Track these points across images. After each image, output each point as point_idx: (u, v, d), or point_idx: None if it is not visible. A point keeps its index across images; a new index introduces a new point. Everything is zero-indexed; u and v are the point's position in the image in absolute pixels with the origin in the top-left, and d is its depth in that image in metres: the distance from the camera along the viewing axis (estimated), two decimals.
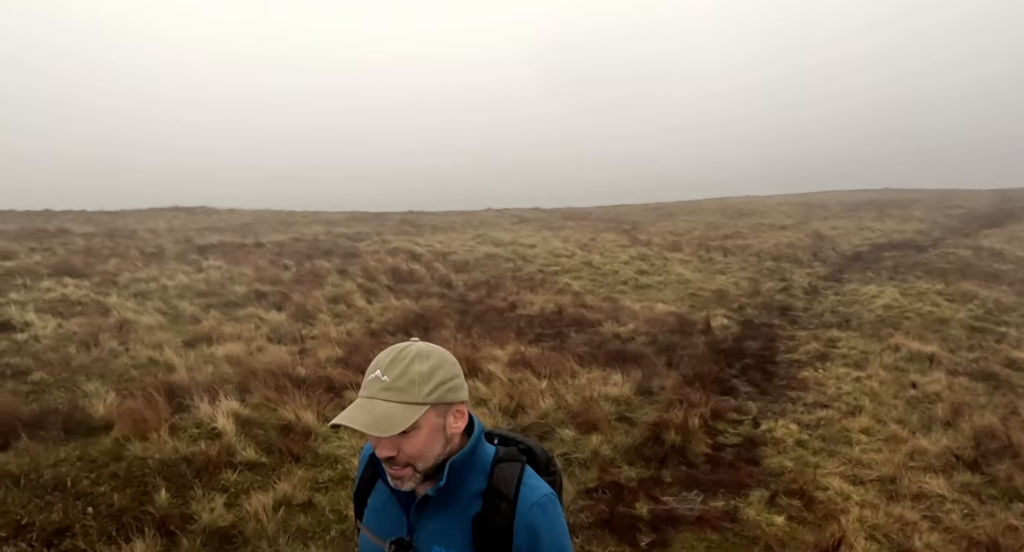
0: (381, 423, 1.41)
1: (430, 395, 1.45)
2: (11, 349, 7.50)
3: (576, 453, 5.66)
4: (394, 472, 1.49)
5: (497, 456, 1.59)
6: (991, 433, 6.73)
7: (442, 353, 1.54)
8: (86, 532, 3.90)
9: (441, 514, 1.55)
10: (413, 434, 1.45)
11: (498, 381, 7.01)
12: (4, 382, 6.34)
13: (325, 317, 9.95)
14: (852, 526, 4.54)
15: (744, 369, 9.25)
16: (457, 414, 1.54)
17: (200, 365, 7.02)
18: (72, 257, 14.57)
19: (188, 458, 4.74)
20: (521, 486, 1.52)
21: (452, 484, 1.52)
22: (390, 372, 1.46)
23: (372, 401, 1.44)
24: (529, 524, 1.48)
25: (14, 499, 4.16)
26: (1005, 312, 12.82)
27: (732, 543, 4.37)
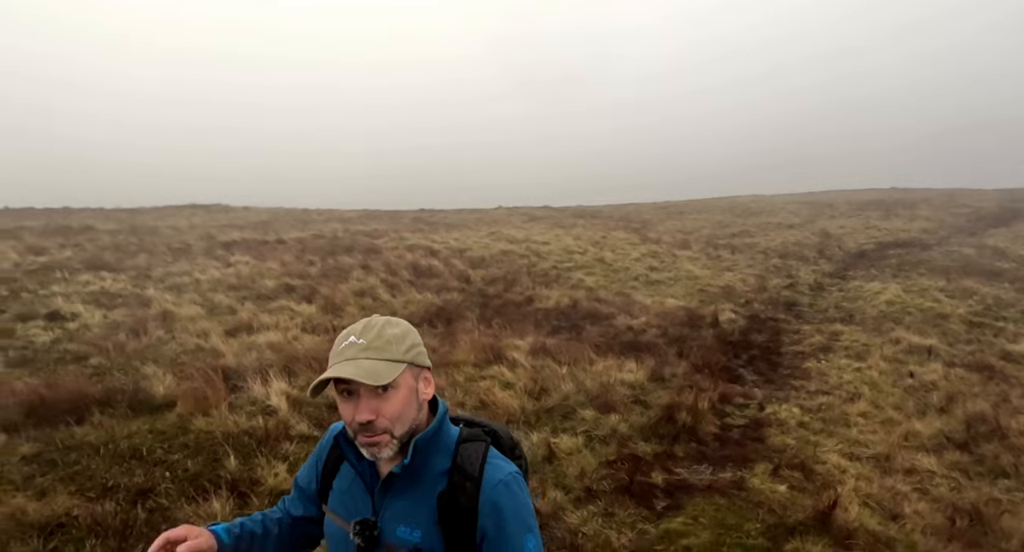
0: (369, 374, 1.44)
1: (407, 354, 1.51)
2: (65, 337, 8.05)
3: (596, 431, 6.17)
4: (371, 439, 1.49)
5: (461, 436, 1.62)
6: (982, 418, 7.21)
7: (407, 323, 1.60)
8: (167, 493, 4.42)
9: (406, 494, 1.57)
10: (392, 394, 1.48)
11: (522, 367, 7.53)
12: (66, 365, 6.89)
13: (353, 309, 10.47)
14: (847, 494, 5.03)
15: (750, 360, 9.74)
16: (426, 381, 1.59)
17: (244, 351, 7.55)
18: (102, 253, 15.15)
19: (248, 431, 5.26)
20: (485, 465, 1.55)
21: (417, 463, 1.55)
22: (365, 336, 1.51)
23: (355, 360, 1.47)
24: (494, 502, 1.51)
25: (97, 465, 4.69)
26: (1004, 308, 13.26)
27: (739, 506, 4.87)
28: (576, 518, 4.62)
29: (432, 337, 8.96)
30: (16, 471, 4.49)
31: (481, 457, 1.55)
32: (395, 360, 1.47)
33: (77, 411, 5.37)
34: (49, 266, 13.19)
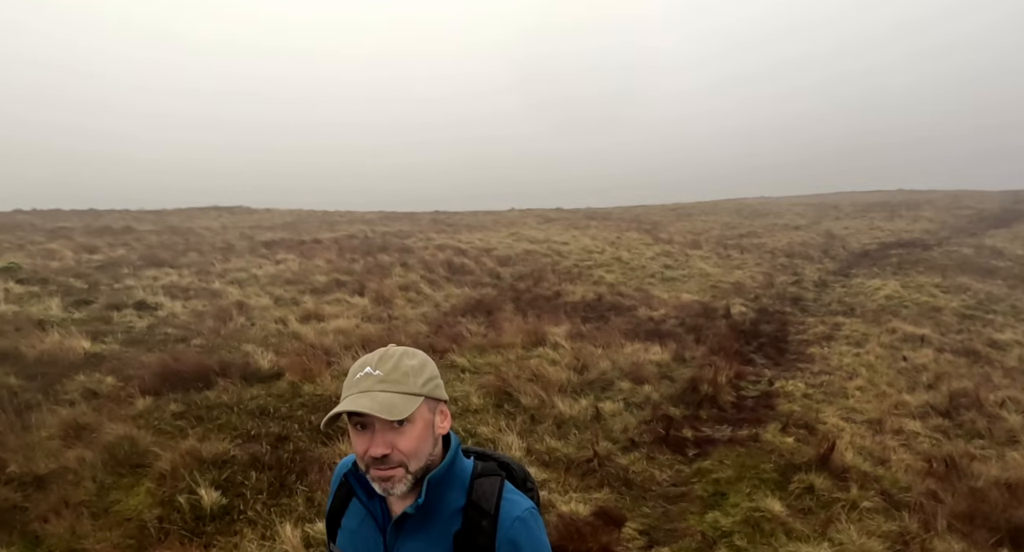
0: (386, 408, 1.41)
1: (424, 387, 1.48)
2: (159, 322, 9.18)
3: (632, 398, 7.30)
4: (384, 473, 1.47)
5: (475, 471, 1.58)
6: (964, 393, 8.32)
7: (424, 355, 1.56)
8: (300, 439, 5.53)
9: (420, 533, 1.53)
10: (408, 428, 1.45)
11: (563, 348, 8.64)
12: (175, 344, 8.02)
13: (400, 301, 11.59)
14: (843, 445, 6.13)
15: (760, 346, 10.85)
16: (442, 414, 1.55)
17: (320, 335, 8.68)
18: (153, 251, 16.27)
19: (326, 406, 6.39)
20: (502, 501, 1.52)
21: (430, 501, 1.51)
22: (382, 367, 1.48)
23: (370, 393, 1.45)
24: (511, 540, 1.49)
25: (236, 419, 5.80)
26: (995, 302, 14.37)
27: (755, 453, 5.97)
28: (625, 460, 5.76)
29: (477, 325, 10.08)
30: (171, 424, 5.61)
31: (497, 493, 1.53)
32: (412, 393, 1.46)
33: (202, 380, 6.49)
34: (112, 263, 14.29)
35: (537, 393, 6.81)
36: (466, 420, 6.15)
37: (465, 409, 6.41)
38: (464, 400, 6.60)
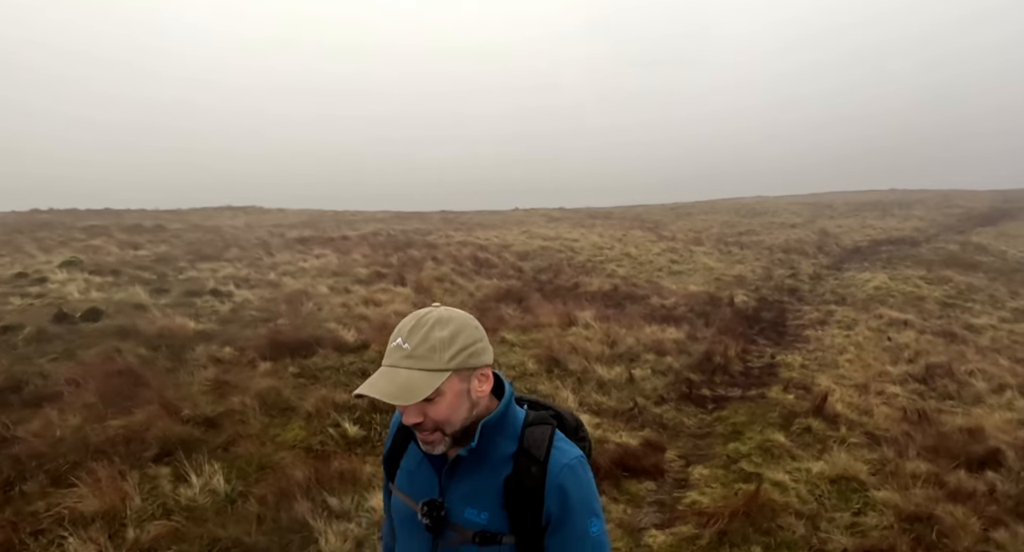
0: (402, 391, 1.45)
1: (452, 361, 1.49)
2: (240, 307, 10.45)
3: (657, 367, 8.65)
4: (423, 437, 1.54)
5: (527, 420, 1.63)
6: (940, 366, 9.66)
7: (463, 318, 1.58)
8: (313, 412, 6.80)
9: (472, 476, 1.59)
10: (437, 400, 1.49)
11: (593, 328, 9.97)
12: (264, 323, 9.30)
13: (438, 291, 12.90)
14: (834, 401, 7.46)
15: (762, 329, 12.20)
16: (482, 378, 1.57)
17: (383, 317, 9.98)
18: (196, 247, 17.50)
19: None
20: (552, 449, 1.57)
21: (483, 446, 1.57)
22: (411, 339, 1.50)
23: (394, 369, 1.49)
24: (560, 486, 1.52)
25: (345, 378, 7.09)
26: (974, 292, 15.77)
27: (762, 406, 7.32)
28: (658, 410, 7.11)
29: (513, 310, 11.39)
30: (294, 381, 6.91)
31: (547, 441, 1.57)
32: (437, 369, 1.47)
33: (304, 349, 7.78)
34: (162, 257, 15.54)
35: (580, 361, 8.17)
36: (526, 381, 7.48)
37: (524, 373, 7.74)
38: (521, 366, 7.93)
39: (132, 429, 5.21)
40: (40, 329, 8.08)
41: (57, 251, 16.55)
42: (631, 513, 4.79)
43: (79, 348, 7.52)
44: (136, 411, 5.54)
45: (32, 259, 15.17)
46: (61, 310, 8.98)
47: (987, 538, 4.76)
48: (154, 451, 4.93)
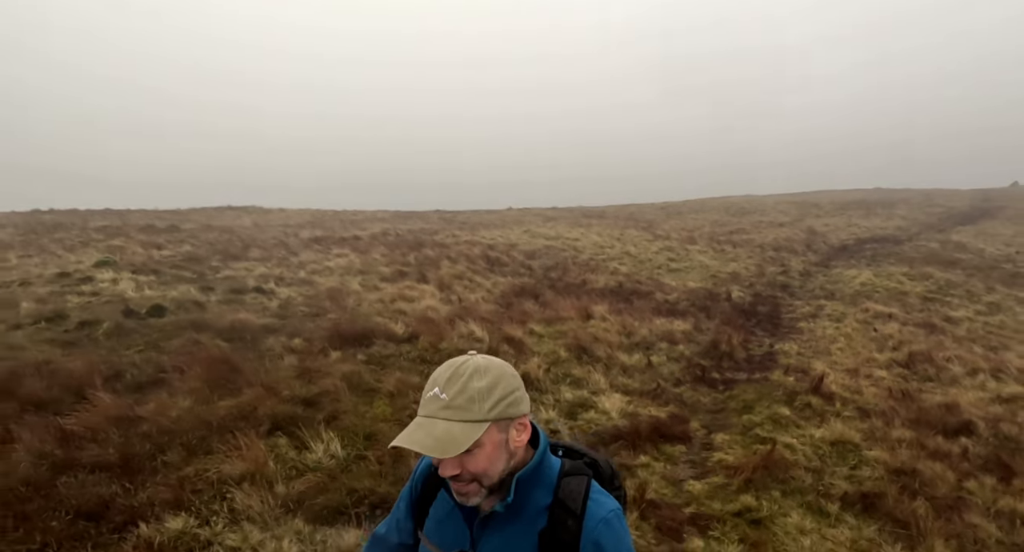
0: (442, 444, 1.44)
1: (491, 412, 1.48)
2: (286, 303, 11.37)
3: (671, 354, 9.70)
4: (459, 488, 1.53)
5: (563, 470, 1.62)
6: (921, 353, 10.75)
7: (501, 366, 1.56)
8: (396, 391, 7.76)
9: (506, 529, 1.58)
10: (476, 452, 1.49)
11: (609, 320, 11.00)
12: (317, 318, 10.25)
13: (459, 288, 13.88)
14: (829, 382, 8.52)
15: (759, 322, 13.26)
16: (519, 427, 1.56)
17: (420, 311, 10.96)
18: (218, 247, 18.32)
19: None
20: (588, 501, 1.56)
21: (518, 499, 1.56)
22: (448, 390, 1.49)
23: (432, 420, 1.48)
24: (596, 541, 1.52)
25: (405, 364, 8.06)
26: (953, 288, 16.93)
27: (767, 386, 8.37)
28: (677, 390, 8.16)
29: (531, 305, 12.38)
30: (366, 368, 7.85)
31: (584, 492, 1.56)
32: (476, 421, 1.47)
33: (363, 340, 8.74)
34: (190, 257, 16.34)
35: (604, 349, 9.20)
36: (561, 367, 8.49)
37: (557, 360, 8.75)
38: (554, 354, 8.94)
39: (241, 408, 6.16)
40: (118, 324, 9.00)
41: (83, 251, 17.26)
42: (671, 468, 5.82)
43: (160, 340, 8.44)
44: (240, 393, 6.50)
45: (61, 259, 15.86)
46: (128, 307, 9.90)
47: (960, 487, 5.83)
48: (267, 426, 5.87)
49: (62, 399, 6.21)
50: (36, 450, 5.00)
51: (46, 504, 4.31)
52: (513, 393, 1.53)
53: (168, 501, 4.53)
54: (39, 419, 5.60)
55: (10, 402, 5.97)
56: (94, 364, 7.04)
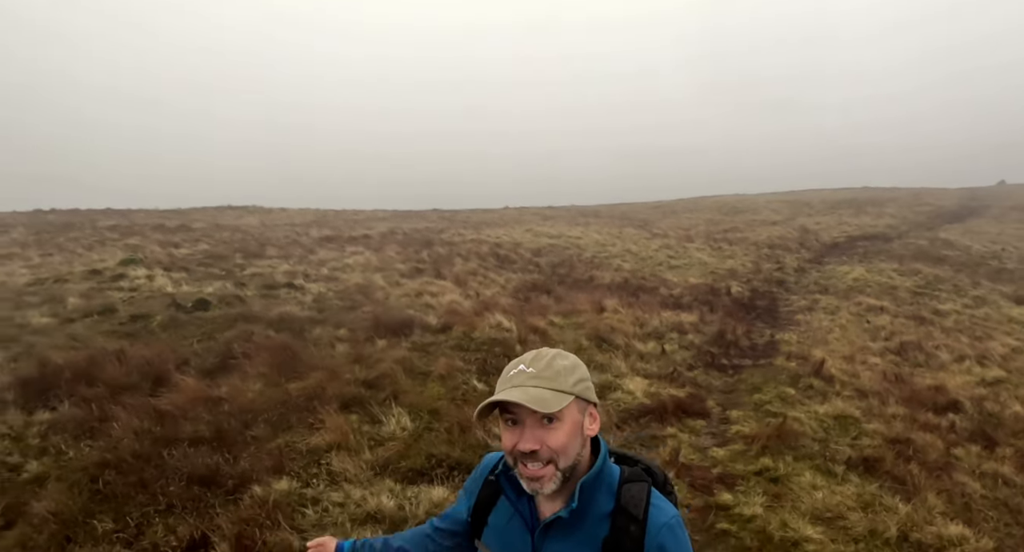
0: (537, 400, 1.49)
1: (575, 386, 1.56)
2: (319, 297, 12.04)
3: (681, 342, 10.48)
4: (534, 472, 1.54)
5: (623, 476, 1.64)
6: (911, 342, 11.59)
7: (576, 357, 1.64)
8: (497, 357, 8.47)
9: (568, 536, 1.59)
10: (557, 426, 1.53)
11: (621, 313, 11.77)
12: (353, 311, 10.94)
13: (474, 284, 14.62)
14: (828, 366, 9.31)
15: (758, 314, 14.07)
16: (591, 417, 1.62)
17: (445, 304, 11.68)
18: (234, 246, 18.94)
19: (502, 339, 9.38)
20: (650, 507, 1.57)
21: (581, 505, 1.58)
22: (535, 365, 1.57)
23: (522, 388, 1.53)
24: (660, 546, 1.54)
25: (447, 350, 8.76)
26: (941, 283, 17.81)
27: (772, 371, 9.15)
28: (691, 374, 8.94)
29: (546, 299, 13.14)
30: (413, 354, 8.52)
31: (645, 498, 1.59)
32: (563, 391, 1.53)
33: (402, 330, 9.44)
34: (210, 255, 16.97)
35: (621, 338, 9.97)
36: (584, 354, 9.21)
37: (579, 347, 9.50)
38: (576, 342, 9.70)
39: (310, 390, 6.86)
40: (171, 317, 9.70)
41: (103, 250, 17.85)
42: (695, 439, 6.59)
43: (214, 332, 9.12)
44: (306, 377, 7.22)
45: (83, 257, 16.44)
46: (175, 301, 10.59)
47: (949, 454, 6.63)
48: (337, 404, 6.57)
49: (141, 384, 6.92)
50: (134, 427, 5.70)
51: (159, 473, 4.98)
52: (588, 379, 1.62)
53: (269, 467, 5.23)
54: (132, 400, 6.31)
55: (96, 386, 6.65)
56: (163, 352, 7.74)
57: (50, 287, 12.31)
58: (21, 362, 7.49)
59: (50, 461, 5.18)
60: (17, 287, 12.48)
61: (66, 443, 5.46)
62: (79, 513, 4.37)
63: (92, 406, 6.04)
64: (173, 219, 30.08)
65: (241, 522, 4.26)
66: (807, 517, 4.92)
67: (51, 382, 6.60)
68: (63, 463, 5.15)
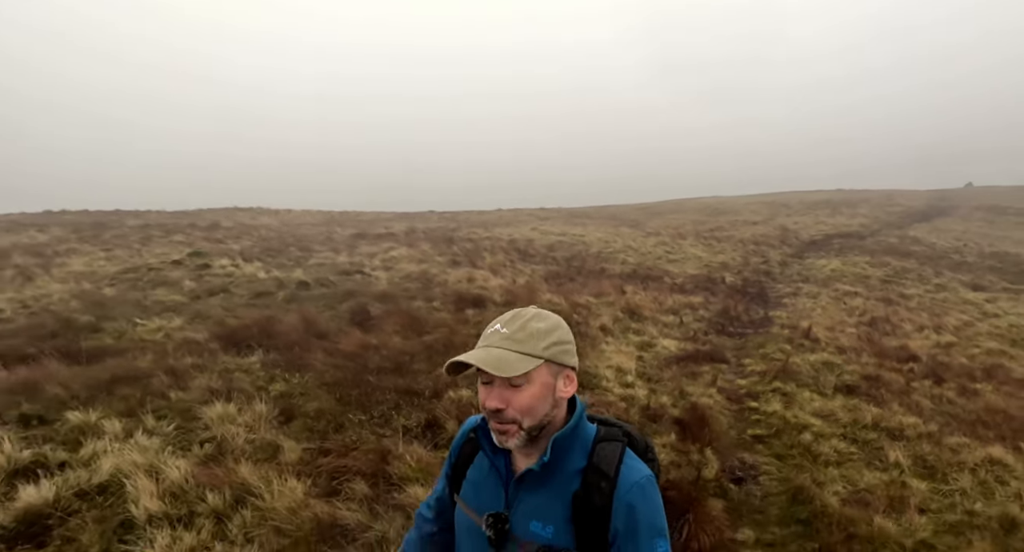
0: (498, 363, 1.52)
1: (546, 350, 1.57)
2: (391, 281, 14.22)
3: (695, 316, 12.85)
4: (499, 427, 1.58)
5: (598, 436, 1.68)
6: (881, 317, 14.04)
7: (558, 319, 1.66)
8: None
9: (540, 490, 1.63)
10: (524, 387, 1.55)
11: (640, 294, 14.10)
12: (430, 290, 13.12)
13: (508, 273, 16.88)
14: (815, 332, 11.69)
15: (752, 298, 16.47)
16: (567, 379, 1.63)
17: (496, 287, 13.91)
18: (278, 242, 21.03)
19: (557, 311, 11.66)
20: (621, 466, 1.60)
21: (554, 460, 1.61)
22: (510, 326, 1.60)
23: (490, 349, 1.57)
24: (628, 504, 1.56)
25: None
26: (907, 273, 20.37)
27: (770, 336, 11.52)
28: (707, 338, 11.29)
29: (572, 285, 15.44)
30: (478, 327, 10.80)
31: (617, 458, 1.62)
32: (531, 354, 1.55)
33: (477, 303, 11.63)
34: (268, 249, 19.00)
35: (647, 312, 12.32)
36: (620, 323, 11.56)
37: (617, 318, 11.82)
38: (613, 315, 12.02)
39: (439, 342, 9.03)
40: (291, 293, 11.88)
41: (156, 245, 19.66)
42: (722, 375, 8.94)
43: (332, 304, 11.26)
44: (432, 333, 9.43)
45: (144, 252, 18.12)
46: (281, 282, 12.78)
47: (908, 386, 9.02)
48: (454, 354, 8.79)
49: (308, 337, 9.09)
50: (329, 363, 7.88)
51: (372, 388, 7.14)
52: (567, 343, 1.63)
53: (448, 384, 7.37)
54: (319, 344, 8.51)
55: (275, 339, 8.81)
56: (309, 316, 9.93)
57: (146, 274, 14.33)
58: (197, 324, 9.66)
59: (283, 384, 7.34)
60: (111, 274, 14.51)
61: (286, 374, 7.61)
62: (337, 411, 6.54)
63: (293, 349, 8.22)
64: (191, 219, 31.51)
65: (452, 410, 6.47)
66: (810, 414, 7.30)
67: (240, 337, 8.73)
68: (295, 384, 7.31)
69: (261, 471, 4.83)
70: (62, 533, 4.15)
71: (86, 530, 4.15)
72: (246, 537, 4.13)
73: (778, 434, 6.80)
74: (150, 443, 5.22)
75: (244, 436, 5.49)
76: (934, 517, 5.09)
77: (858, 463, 6.12)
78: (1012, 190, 70.32)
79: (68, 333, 9.05)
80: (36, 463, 4.91)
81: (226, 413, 5.84)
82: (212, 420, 5.70)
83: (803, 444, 6.49)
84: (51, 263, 16.36)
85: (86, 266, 16.13)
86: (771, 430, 6.89)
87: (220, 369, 7.42)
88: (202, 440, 5.45)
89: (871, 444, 6.63)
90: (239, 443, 5.36)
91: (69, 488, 4.55)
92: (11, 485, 4.57)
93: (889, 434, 6.87)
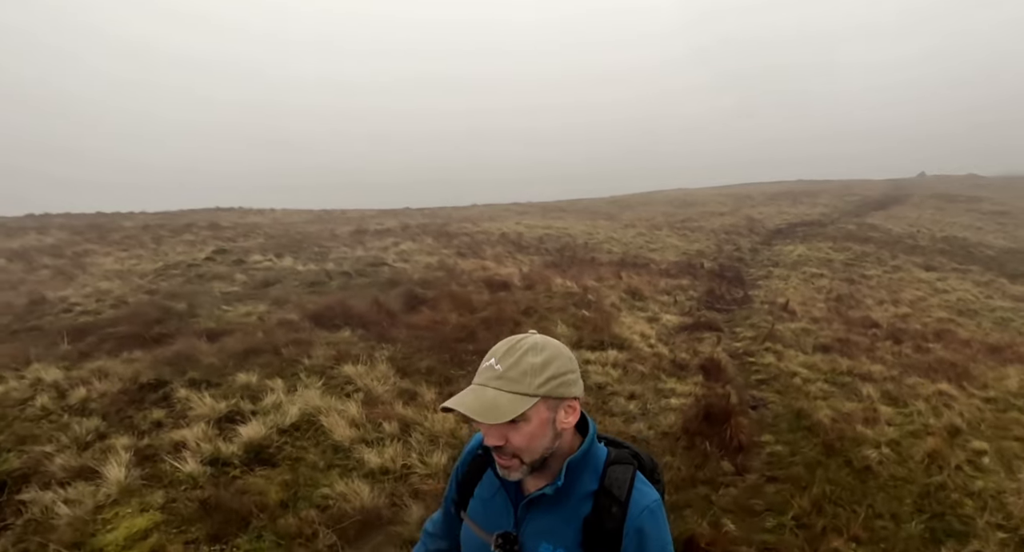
0: (487, 410, 1.49)
1: (541, 387, 1.54)
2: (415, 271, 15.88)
3: (686, 296, 14.74)
4: (501, 462, 1.59)
5: (610, 458, 1.68)
6: (846, 294, 16.08)
7: (558, 347, 1.63)
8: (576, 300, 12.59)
9: (551, 512, 1.64)
10: (522, 425, 1.54)
11: (635, 278, 15.96)
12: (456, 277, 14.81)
13: (509, 263, 18.58)
14: (791, 306, 13.63)
15: (730, 281, 18.42)
16: (568, 409, 1.61)
17: (509, 275, 15.62)
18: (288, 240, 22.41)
19: (572, 292, 13.41)
20: (633, 490, 1.61)
21: (567, 483, 1.62)
22: (504, 362, 1.55)
23: (483, 388, 1.54)
24: (639, 528, 1.57)
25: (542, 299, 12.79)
26: (867, 256, 22.59)
27: (753, 310, 13.46)
28: (700, 313, 13.19)
29: (571, 272, 17.24)
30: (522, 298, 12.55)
31: (629, 481, 1.62)
32: (525, 394, 1.52)
33: (503, 287, 13.36)
34: (284, 246, 20.33)
35: (647, 293, 14.18)
36: (626, 302, 13.40)
37: (622, 298, 13.66)
38: (618, 295, 13.85)
39: (491, 317, 10.69)
40: (343, 282, 13.48)
41: (171, 245, 20.78)
42: (718, 341, 10.82)
43: (382, 290, 12.85)
44: (481, 311, 11.12)
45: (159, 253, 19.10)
46: (327, 272, 14.37)
47: (873, 346, 10.97)
48: (510, 326, 10.52)
49: (381, 318, 10.74)
50: (412, 335, 9.58)
51: (457, 352, 8.86)
52: (566, 374, 1.60)
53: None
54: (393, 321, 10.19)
55: (353, 318, 10.42)
56: (373, 299, 11.61)
57: (187, 271, 15.70)
58: (279, 308, 11.27)
59: (387, 351, 8.90)
60: (151, 271, 15.85)
61: (382, 344, 9.22)
62: (441, 368, 8.22)
63: (376, 326, 9.90)
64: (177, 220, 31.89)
65: None
66: (797, 365, 9.23)
67: (326, 317, 10.36)
68: (396, 351, 8.88)
69: (413, 408, 6.58)
70: (287, 455, 5.82)
71: (309, 451, 5.86)
72: (427, 449, 5.88)
73: (775, 378, 8.71)
74: (313, 394, 6.90)
75: (382, 387, 7.21)
76: (899, 428, 7.00)
77: (839, 397, 8.03)
78: (962, 179, 73.84)
79: (171, 319, 10.60)
80: (232, 412, 6.58)
81: (357, 371, 7.56)
82: (352, 376, 7.41)
83: (795, 386, 8.39)
84: (80, 263, 17.39)
85: (119, 264, 17.26)
86: (769, 376, 8.81)
87: (324, 342, 9.06)
88: (351, 391, 7.16)
89: (848, 385, 8.55)
90: (381, 391, 7.09)
91: (271, 427, 6.22)
92: (221, 428, 6.21)
93: (861, 378, 8.80)
